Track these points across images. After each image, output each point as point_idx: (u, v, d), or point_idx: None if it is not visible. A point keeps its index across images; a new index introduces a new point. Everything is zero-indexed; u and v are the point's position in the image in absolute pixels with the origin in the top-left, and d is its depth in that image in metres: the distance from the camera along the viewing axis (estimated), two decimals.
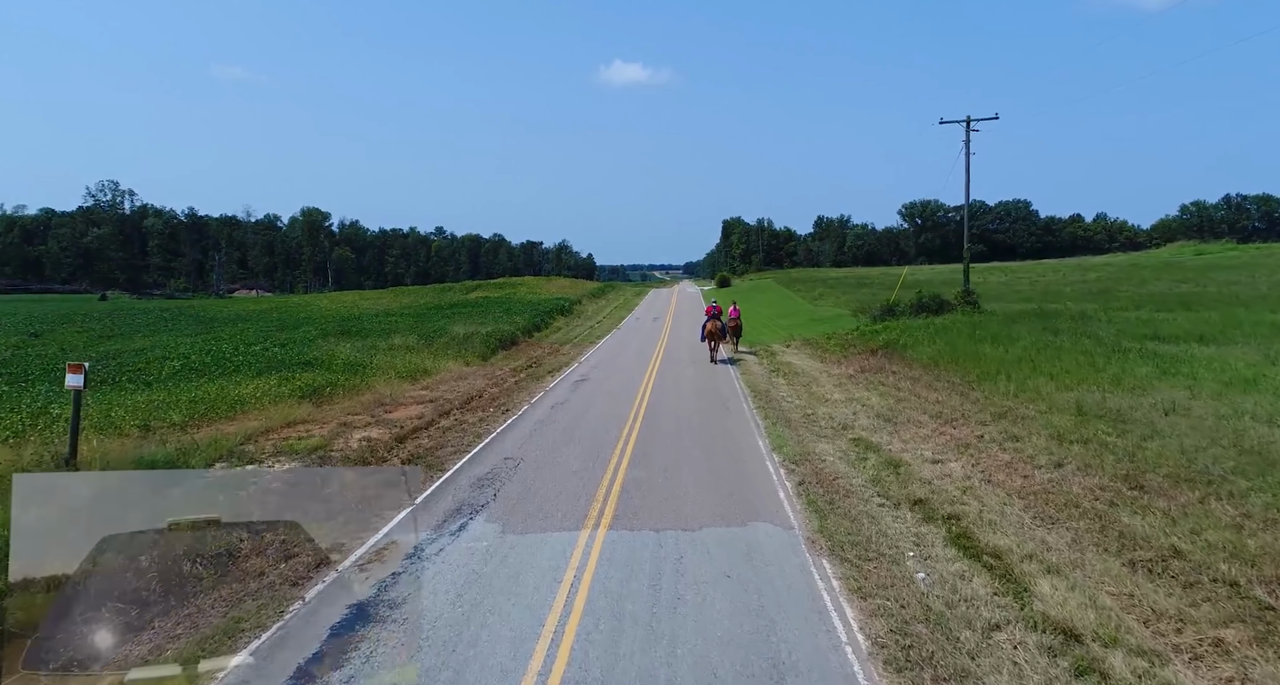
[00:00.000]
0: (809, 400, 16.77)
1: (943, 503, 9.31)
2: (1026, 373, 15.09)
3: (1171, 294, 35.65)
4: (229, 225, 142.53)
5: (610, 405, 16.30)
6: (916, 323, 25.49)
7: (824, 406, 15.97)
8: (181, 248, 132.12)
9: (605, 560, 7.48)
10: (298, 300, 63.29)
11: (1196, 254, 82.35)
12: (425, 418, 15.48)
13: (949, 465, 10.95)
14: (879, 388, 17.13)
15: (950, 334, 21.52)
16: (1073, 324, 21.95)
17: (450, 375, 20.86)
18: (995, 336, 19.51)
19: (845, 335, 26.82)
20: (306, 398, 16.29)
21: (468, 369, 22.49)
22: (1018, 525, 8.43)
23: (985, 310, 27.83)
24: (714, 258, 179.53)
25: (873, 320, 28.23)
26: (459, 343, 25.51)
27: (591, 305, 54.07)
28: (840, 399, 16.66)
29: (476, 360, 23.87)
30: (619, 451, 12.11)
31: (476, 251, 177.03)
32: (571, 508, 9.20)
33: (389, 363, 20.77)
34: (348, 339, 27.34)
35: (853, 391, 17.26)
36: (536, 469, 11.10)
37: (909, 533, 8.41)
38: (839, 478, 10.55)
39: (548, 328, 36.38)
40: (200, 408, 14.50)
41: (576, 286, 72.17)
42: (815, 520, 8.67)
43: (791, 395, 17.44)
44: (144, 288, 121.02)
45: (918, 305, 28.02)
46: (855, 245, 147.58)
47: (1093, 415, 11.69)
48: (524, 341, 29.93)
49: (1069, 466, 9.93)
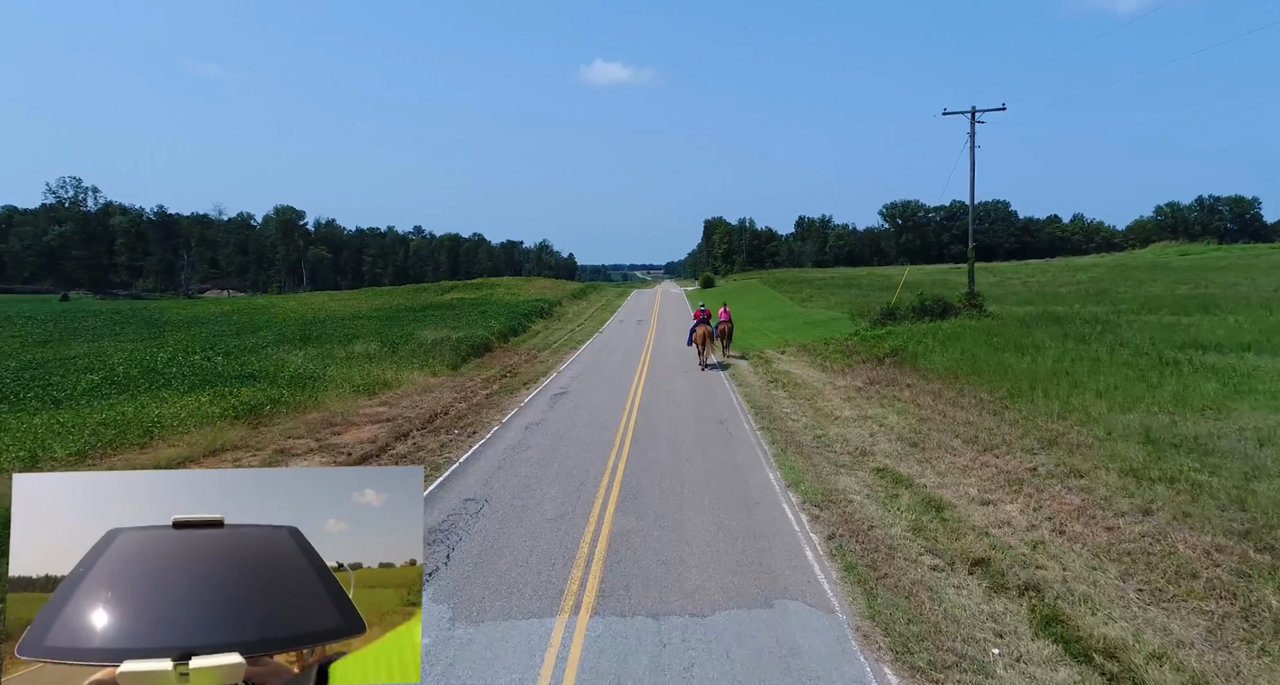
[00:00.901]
0: (816, 418, 14.85)
1: (1011, 564, 7.40)
2: (1067, 389, 13.27)
3: (1174, 296, 34.30)
4: (200, 224, 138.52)
5: (593, 426, 14.26)
6: (922, 327, 23.72)
7: (835, 426, 14.05)
8: (149, 247, 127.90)
9: (588, 669, 5.46)
10: (263, 302, 60.43)
11: (1181, 255, 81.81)
12: (378, 442, 13.35)
13: (1004, 508, 9.05)
14: (895, 403, 15.25)
15: (963, 341, 19.74)
16: (1092, 329, 20.27)
17: (414, 388, 18.69)
18: (1018, 344, 17.73)
19: (845, 341, 24.98)
20: (242, 418, 14.08)
21: (434, 380, 20.32)
22: (1121, 602, 6.53)
23: (991, 314, 26.17)
24: (695, 258, 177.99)
25: (873, 324, 26.44)
26: (427, 350, 23.31)
27: (572, 307, 51.90)
28: (852, 416, 14.76)
29: (445, 370, 21.70)
30: (604, 489, 10.08)
31: (456, 251, 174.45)
32: (545, 576, 7.16)
33: (345, 374, 18.56)
34: (305, 346, 25.05)
35: (865, 408, 15.36)
36: (503, 516, 9.03)
37: (981, 613, 6.47)
38: (874, 526, 8.60)
39: (526, 332, 34.21)
40: (108, 433, 12.26)
41: (557, 287, 69.91)
42: (861, 597, 6.69)
43: (796, 412, 15.51)
44: (110, 288, 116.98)
45: (920, 308, 26.28)
46: (837, 245, 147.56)
47: (1167, 445, 9.86)
48: (499, 347, 27.77)
49: (1161, 515, 8.06)
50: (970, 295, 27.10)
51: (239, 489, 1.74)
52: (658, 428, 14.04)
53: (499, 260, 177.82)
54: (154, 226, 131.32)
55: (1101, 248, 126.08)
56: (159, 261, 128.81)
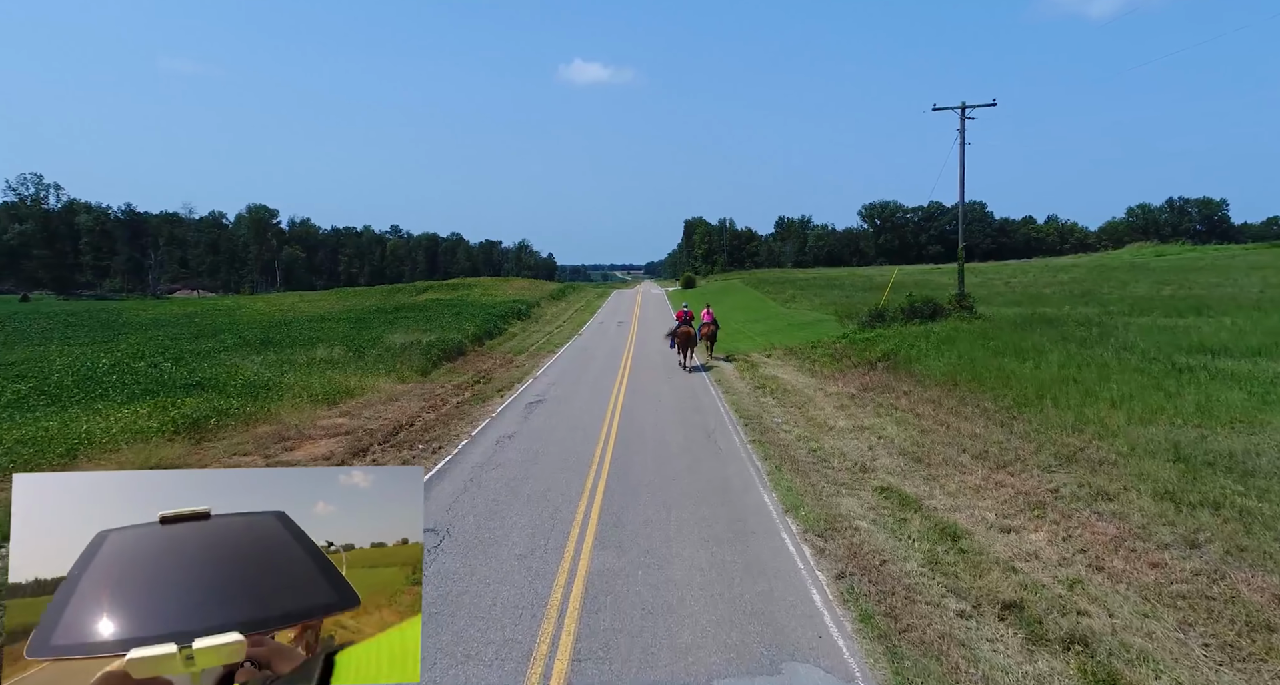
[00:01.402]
0: (810, 429, 13.88)
1: (1049, 608, 6.43)
2: (1078, 398, 12.41)
3: (1161, 297, 33.88)
4: (170, 222, 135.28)
5: (570, 440, 13.16)
6: (913, 330, 22.90)
7: (830, 437, 13.09)
8: (115, 246, 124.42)
9: None
10: (230, 303, 58.41)
11: (1157, 256, 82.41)
12: (334, 458, 12.15)
13: (1028, 537, 8.10)
14: (892, 413, 14.32)
15: (958, 344, 18.90)
16: (1088, 332, 19.55)
17: (379, 397, 17.45)
18: (1017, 348, 16.90)
19: (833, 343, 24.09)
20: (183, 432, 12.79)
21: (401, 387, 19.08)
22: (1187, 660, 5.57)
23: (982, 315, 25.44)
24: (675, 258, 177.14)
25: (861, 326, 25.58)
26: (395, 354, 22.03)
27: (551, 308, 50.64)
28: (847, 427, 13.81)
29: (414, 376, 20.45)
30: (581, 516, 8.98)
31: (434, 251, 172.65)
32: (510, 633, 6.05)
33: (304, 382, 17.25)
34: (266, 350, 23.63)
35: (860, 417, 14.42)
36: (465, 551, 7.90)
37: (1024, 676, 5.48)
38: (886, 560, 7.60)
39: (502, 334, 32.96)
40: (25, 452, 10.93)
41: (535, 288, 68.51)
42: (884, 658, 5.67)
43: (787, 422, 14.53)
44: (75, 288, 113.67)
45: (909, 310, 25.47)
46: (816, 245, 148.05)
47: (1200, 463, 8.99)
48: (473, 351, 26.51)
49: (1212, 549, 7.15)
50: (960, 296, 26.36)
51: (234, 488, 1.72)
52: (641, 441, 12.97)
53: (477, 260, 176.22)
54: (121, 225, 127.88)
55: (1076, 248, 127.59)
56: (126, 261, 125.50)
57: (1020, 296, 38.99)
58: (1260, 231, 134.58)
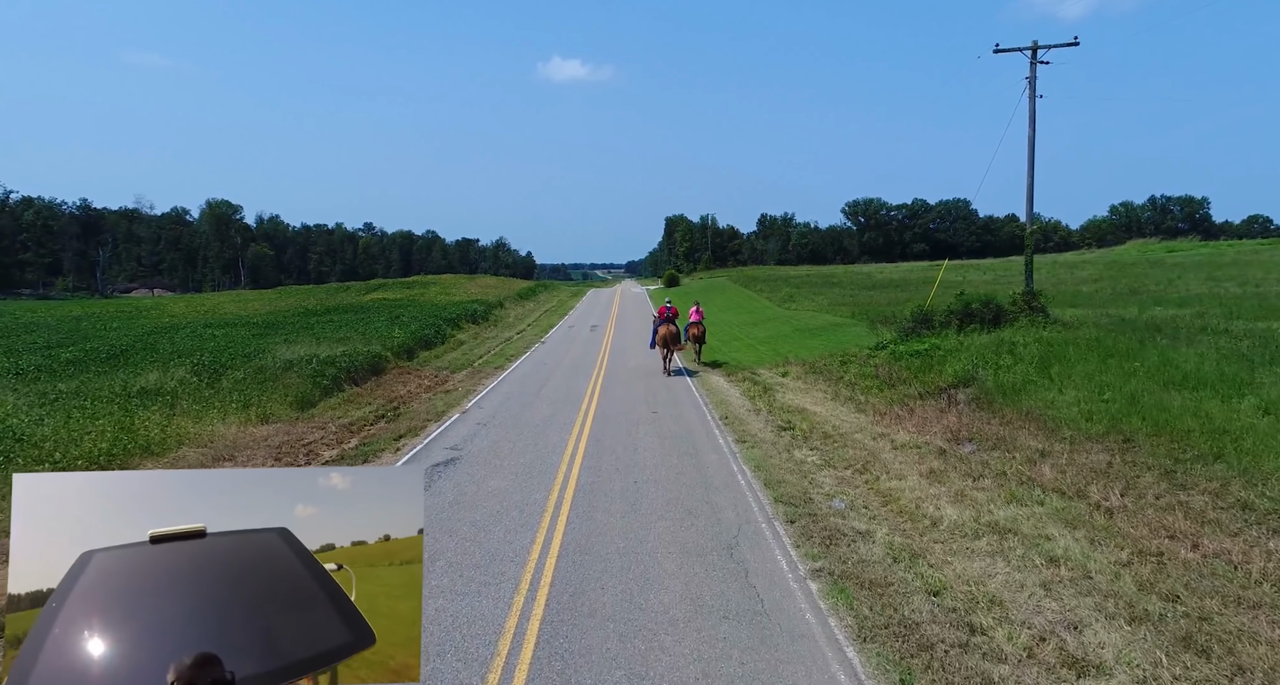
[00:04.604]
0: (899, 524, 7.92)
1: None
2: None
3: (1233, 295, 28.47)
4: (127, 219, 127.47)
5: (496, 536, 7.05)
6: (979, 340, 17.05)
7: (948, 555, 7.13)
8: (64, 243, 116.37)
9: None
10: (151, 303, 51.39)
11: (1168, 252, 77.81)
12: None
13: None
14: (1031, 489, 8.37)
15: (1071, 363, 13.04)
16: (1238, 343, 13.84)
17: (204, 453, 11.20)
18: (1189, 375, 10.98)
19: (869, 358, 18.19)
20: None
21: (258, 431, 12.83)
22: None
23: (1058, 319, 19.71)
24: (657, 256, 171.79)
25: (902, 335, 19.69)
26: (272, 377, 15.73)
27: (515, 309, 44.24)
28: (961, 521, 7.86)
29: (286, 411, 14.18)
30: None
31: (409, 249, 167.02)
32: None
33: (79, 429, 10.93)
34: (112, 366, 17.27)
35: (978, 500, 8.45)
36: None
37: None
38: None
39: (444, 343, 26.62)
40: None
41: (502, 286, 61.97)
42: None
43: (855, 509, 8.54)
44: (17, 286, 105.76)
45: (964, 313, 19.63)
46: (800, 243, 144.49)
47: None
48: (395, 367, 20.19)
49: None
50: (1029, 295, 20.56)
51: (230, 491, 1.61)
52: (603, 572, 6.87)
53: (453, 258, 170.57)
54: (74, 222, 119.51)
55: (1060, 247, 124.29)
56: (78, 259, 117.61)
57: (1058, 294, 33.52)
58: (1241, 229, 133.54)
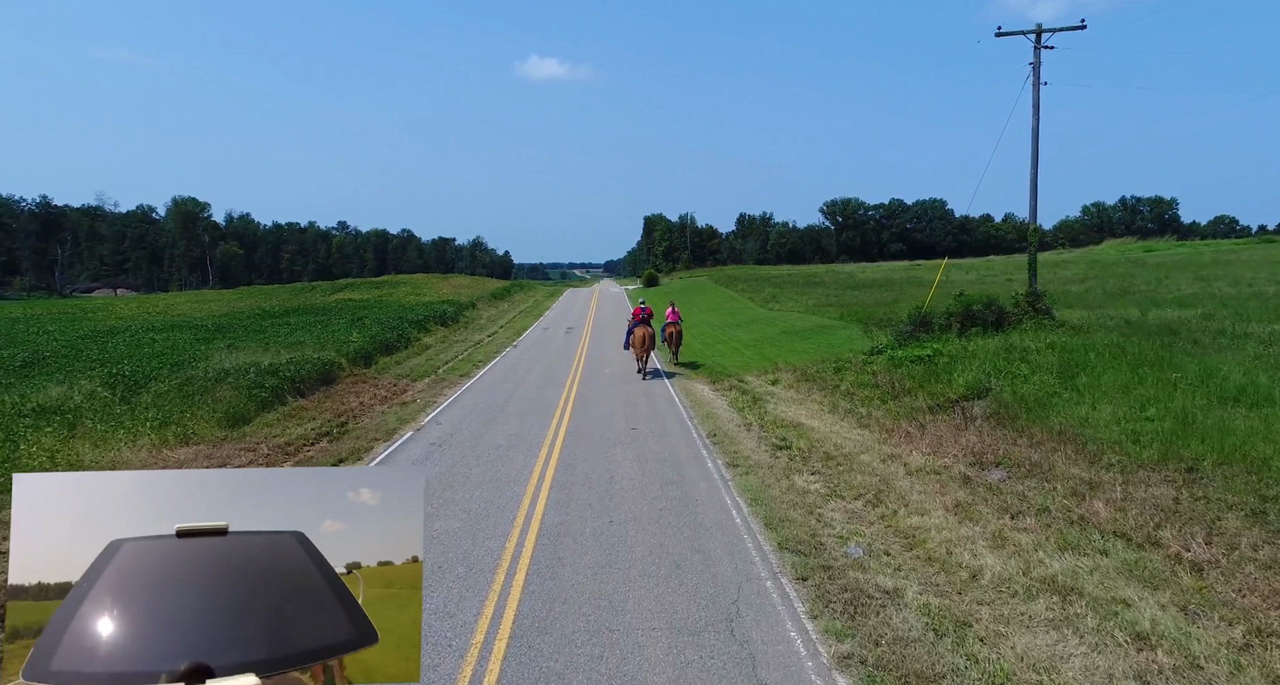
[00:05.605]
0: (933, 580, 6.47)
1: None
2: None
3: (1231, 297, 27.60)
4: (90, 216, 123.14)
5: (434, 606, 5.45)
6: (986, 345, 15.71)
7: (1005, 634, 5.65)
8: (19, 240, 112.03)
9: None
10: (102, 303, 48.72)
11: (1146, 251, 77.81)
12: None
13: None
14: (1079, 530, 6.96)
15: (1097, 372, 11.70)
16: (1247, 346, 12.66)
17: None
18: (1242, 388, 9.65)
19: (866, 364, 16.79)
20: None
21: (177, 453, 11.06)
22: None
23: (1065, 322, 18.50)
24: (635, 256, 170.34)
25: (899, 339, 18.31)
26: (202, 390, 13.91)
27: (488, 311, 42.38)
28: (1005, 574, 6.44)
29: (214, 429, 12.39)
30: None
31: (383, 248, 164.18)
32: None
33: None
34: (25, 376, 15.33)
35: (1023, 546, 7.01)
36: None
37: None
38: None
39: (408, 347, 24.80)
40: None
41: (476, 286, 59.96)
42: None
43: (876, 558, 7.06)
44: None
45: (966, 315, 18.33)
46: (779, 242, 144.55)
47: None
48: (349, 376, 18.40)
49: None
50: (1033, 295, 19.34)
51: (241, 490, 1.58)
52: (569, 658, 5.29)
53: (430, 257, 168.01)
54: (33, 219, 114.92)
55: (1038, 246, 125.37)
56: (36, 257, 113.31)
57: (1052, 295, 32.53)
58: (1209, 230, 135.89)
